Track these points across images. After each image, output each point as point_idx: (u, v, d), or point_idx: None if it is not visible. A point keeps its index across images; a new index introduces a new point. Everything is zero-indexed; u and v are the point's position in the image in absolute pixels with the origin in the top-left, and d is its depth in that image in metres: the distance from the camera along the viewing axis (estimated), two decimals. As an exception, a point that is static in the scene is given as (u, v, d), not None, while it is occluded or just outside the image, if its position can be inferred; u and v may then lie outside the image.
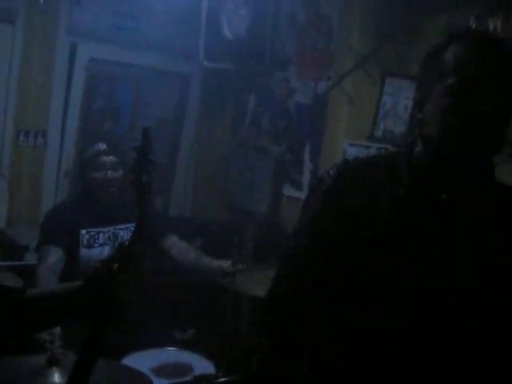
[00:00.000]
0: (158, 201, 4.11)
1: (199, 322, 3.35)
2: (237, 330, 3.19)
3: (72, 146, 3.68)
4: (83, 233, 2.74)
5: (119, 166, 2.76)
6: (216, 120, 4.18)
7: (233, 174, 3.99)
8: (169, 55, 3.88)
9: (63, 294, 1.18)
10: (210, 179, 4.19)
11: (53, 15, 3.43)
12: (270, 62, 3.77)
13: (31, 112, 3.48)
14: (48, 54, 3.47)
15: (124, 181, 2.77)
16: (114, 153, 2.78)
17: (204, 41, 3.67)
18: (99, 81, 3.87)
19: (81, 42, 3.57)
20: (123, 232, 2.83)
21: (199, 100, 4.17)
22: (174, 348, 2.50)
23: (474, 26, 2.84)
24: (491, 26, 2.77)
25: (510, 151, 2.70)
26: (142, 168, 1.22)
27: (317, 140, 3.49)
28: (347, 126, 3.35)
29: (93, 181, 2.75)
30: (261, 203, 3.69)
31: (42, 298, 1.19)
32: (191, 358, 2.43)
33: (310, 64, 3.57)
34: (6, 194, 3.46)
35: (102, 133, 3.89)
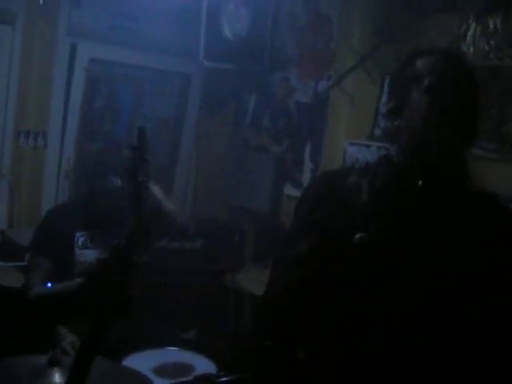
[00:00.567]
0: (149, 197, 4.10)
1: (201, 322, 3.36)
2: (238, 330, 3.19)
3: (72, 146, 3.68)
4: (78, 235, 2.74)
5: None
6: (216, 120, 4.18)
7: (233, 174, 3.99)
8: (169, 55, 3.87)
9: (63, 293, 1.18)
10: (211, 179, 4.19)
11: (52, 16, 3.43)
12: (271, 61, 3.77)
13: (31, 113, 3.48)
14: (48, 54, 3.46)
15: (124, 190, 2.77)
16: (124, 192, 2.76)
17: (204, 41, 3.66)
18: (99, 81, 3.87)
19: (81, 42, 3.57)
20: (123, 235, 2.82)
21: (199, 100, 4.16)
22: (175, 348, 2.50)
23: (473, 25, 2.84)
24: (491, 24, 2.78)
25: (511, 150, 2.71)
26: (137, 167, 1.22)
27: (317, 139, 3.50)
28: (347, 125, 3.35)
29: (103, 208, 2.75)
30: (261, 202, 3.69)
31: (43, 297, 1.19)
32: (193, 357, 2.43)
33: (311, 63, 3.57)
34: (6, 194, 3.46)
35: (102, 133, 3.89)
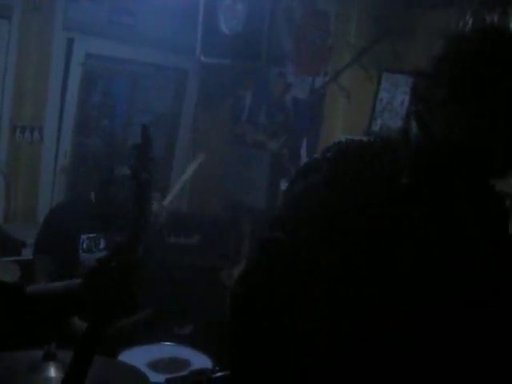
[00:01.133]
0: (156, 197, 4.10)
1: (197, 317, 3.36)
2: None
3: (68, 141, 3.68)
4: (83, 238, 2.72)
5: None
6: (213, 115, 4.18)
7: (230, 170, 3.99)
8: (165, 50, 3.87)
9: (63, 292, 1.18)
10: (207, 175, 4.19)
11: (49, 11, 3.42)
12: (267, 57, 3.77)
13: (28, 107, 3.47)
14: (44, 49, 3.46)
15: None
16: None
17: (201, 36, 3.66)
18: (96, 76, 3.87)
19: (77, 37, 3.56)
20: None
21: (196, 95, 4.16)
22: (171, 343, 2.50)
23: (471, 21, 2.84)
24: (488, 21, 2.78)
25: None
26: (141, 166, 1.21)
27: (314, 135, 3.50)
28: (344, 121, 3.35)
29: (111, 196, 2.75)
30: (258, 198, 3.69)
31: (42, 295, 1.19)
32: (188, 353, 2.44)
33: (307, 59, 3.57)
34: (2, 189, 3.46)
35: (99, 128, 3.89)
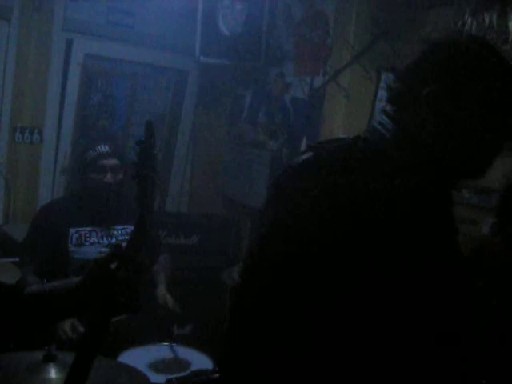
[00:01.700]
0: (156, 196, 4.11)
1: (197, 317, 3.36)
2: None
3: (68, 142, 3.68)
4: (72, 231, 2.74)
5: (120, 169, 2.77)
6: (212, 115, 4.18)
7: (229, 170, 3.99)
8: (165, 51, 3.87)
9: (63, 292, 1.18)
10: (207, 175, 4.19)
11: (48, 11, 3.42)
12: (266, 57, 3.77)
13: (27, 108, 3.47)
14: (44, 50, 3.46)
15: (123, 183, 2.77)
16: (115, 155, 2.78)
17: (200, 36, 3.65)
18: (95, 77, 3.87)
19: (76, 38, 3.56)
20: (118, 232, 2.82)
21: (195, 96, 4.16)
22: (171, 343, 2.50)
23: (469, 20, 2.84)
24: (487, 20, 2.78)
25: (506, 146, 2.72)
26: (144, 163, 1.20)
27: (313, 135, 3.49)
28: (343, 120, 3.35)
29: (92, 182, 2.75)
30: (257, 198, 3.69)
31: (41, 296, 1.18)
32: (189, 353, 2.44)
33: (307, 59, 3.57)
34: (2, 190, 3.46)
35: (98, 129, 3.89)
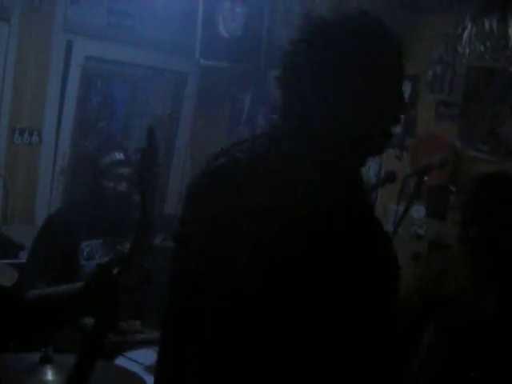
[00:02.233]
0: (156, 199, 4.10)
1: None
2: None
3: (67, 143, 3.68)
4: (84, 245, 2.66)
5: (132, 179, 2.70)
6: (212, 118, 4.18)
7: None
8: (165, 53, 3.87)
9: (64, 297, 1.17)
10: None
11: (48, 13, 3.42)
12: (266, 60, 3.77)
13: (26, 110, 3.47)
14: (43, 51, 3.46)
15: (133, 193, 2.69)
16: (130, 164, 2.71)
17: (200, 39, 3.66)
18: (95, 79, 3.87)
19: (76, 39, 3.56)
20: (127, 245, 2.75)
21: (195, 98, 4.16)
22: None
23: (469, 26, 2.84)
24: (487, 26, 2.78)
25: (505, 152, 2.72)
26: (146, 169, 1.20)
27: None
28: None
29: (106, 190, 2.67)
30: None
31: (43, 300, 1.18)
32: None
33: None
34: (0, 191, 3.45)
35: (97, 131, 3.89)
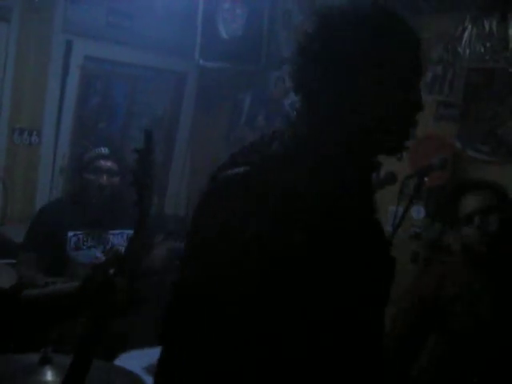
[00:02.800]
0: (153, 199, 4.10)
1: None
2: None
3: (66, 144, 3.67)
4: (71, 235, 2.73)
5: (116, 172, 2.76)
6: (211, 119, 4.18)
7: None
8: (164, 53, 3.87)
9: (61, 297, 1.18)
10: (205, 178, 4.18)
11: (48, 13, 3.42)
12: (266, 61, 3.77)
13: (26, 110, 3.47)
14: (43, 51, 3.45)
15: (120, 187, 2.76)
16: (113, 158, 2.77)
17: (200, 40, 3.66)
18: (94, 79, 3.86)
19: (76, 39, 3.56)
20: (114, 237, 2.81)
21: (194, 99, 4.16)
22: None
23: (469, 27, 2.85)
24: (487, 27, 2.78)
25: (505, 153, 2.72)
26: (143, 170, 1.21)
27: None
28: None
29: (87, 183, 2.75)
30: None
31: (40, 300, 1.18)
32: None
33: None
34: (0, 191, 3.45)
35: (97, 131, 3.88)
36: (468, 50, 2.84)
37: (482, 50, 2.79)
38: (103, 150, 2.77)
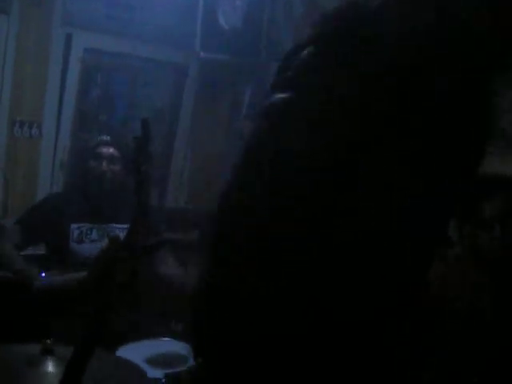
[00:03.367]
0: (154, 192, 4.10)
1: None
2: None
3: (67, 136, 3.67)
4: (74, 227, 2.71)
5: (117, 160, 2.75)
6: (212, 110, 4.17)
7: (229, 165, 3.98)
8: (165, 45, 3.86)
9: (72, 285, 1.18)
10: (206, 170, 4.19)
11: (48, 5, 3.41)
12: (267, 52, 3.76)
13: (26, 102, 3.47)
14: (43, 44, 3.45)
15: (122, 176, 2.74)
16: (114, 145, 2.76)
17: (200, 31, 3.65)
18: (94, 71, 3.86)
19: (76, 32, 3.56)
20: (119, 231, 2.79)
21: (195, 91, 4.16)
22: (169, 338, 2.50)
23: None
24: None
25: (505, 145, 2.72)
26: (141, 158, 1.23)
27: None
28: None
29: (88, 170, 2.74)
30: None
31: (51, 290, 1.19)
32: (187, 348, 2.43)
33: (307, 55, 3.57)
34: (1, 184, 3.45)
35: (97, 123, 3.88)
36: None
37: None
38: (104, 137, 2.77)
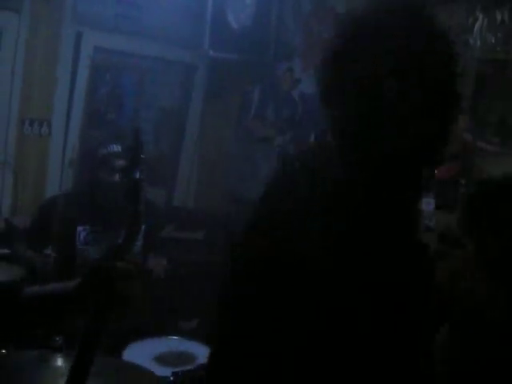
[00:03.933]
0: (162, 192, 4.11)
1: (203, 311, 3.36)
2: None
3: (76, 135, 3.68)
4: (80, 229, 2.73)
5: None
6: (221, 110, 4.17)
7: (237, 165, 3.99)
8: (174, 44, 3.87)
9: (63, 292, 1.17)
10: (214, 170, 4.19)
11: (58, 4, 3.42)
12: (275, 51, 3.76)
13: (36, 101, 3.48)
14: (53, 42, 3.46)
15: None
16: (126, 157, 2.76)
17: (209, 30, 3.65)
18: (104, 70, 3.87)
19: (86, 31, 3.56)
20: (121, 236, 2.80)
21: (204, 90, 4.16)
22: (177, 337, 2.51)
23: (480, 17, 2.82)
24: (498, 17, 2.76)
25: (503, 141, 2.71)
26: (134, 166, 1.24)
27: (322, 130, 3.49)
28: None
29: (100, 181, 2.74)
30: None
31: (41, 296, 1.18)
32: (195, 346, 2.44)
33: (315, 54, 3.56)
34: (10, 182, 3.47)
35: (106, 122, 3.89)
36: (479, 41, 2.82)
37: (493, 40, 2.77)
38: (115, 148, 2.75)
